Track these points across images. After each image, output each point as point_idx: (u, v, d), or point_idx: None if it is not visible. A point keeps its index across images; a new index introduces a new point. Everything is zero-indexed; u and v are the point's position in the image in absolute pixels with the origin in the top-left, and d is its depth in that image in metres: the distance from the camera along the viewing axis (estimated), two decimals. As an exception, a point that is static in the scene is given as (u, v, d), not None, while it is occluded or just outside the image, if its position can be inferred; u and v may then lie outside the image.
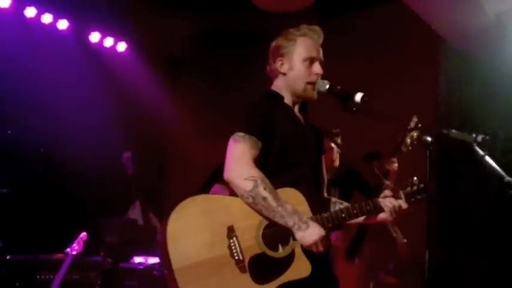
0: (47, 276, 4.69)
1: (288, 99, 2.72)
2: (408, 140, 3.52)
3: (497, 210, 4.93)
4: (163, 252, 2.39)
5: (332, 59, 2.83)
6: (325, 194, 2.81)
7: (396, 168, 4.11)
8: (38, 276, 4.75)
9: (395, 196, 2.61)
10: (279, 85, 2.73)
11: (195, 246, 2.40)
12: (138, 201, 5.74)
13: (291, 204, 2.46)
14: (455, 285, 5.06)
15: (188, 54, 6.70)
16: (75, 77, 5.94)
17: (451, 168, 5.04)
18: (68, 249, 4.64)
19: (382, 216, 2.63)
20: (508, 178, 2.75)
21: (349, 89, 2.65)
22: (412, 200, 2.63)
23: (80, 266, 4.79)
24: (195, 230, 2.41)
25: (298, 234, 2.44)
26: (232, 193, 2.53)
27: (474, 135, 2.67)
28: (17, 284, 4.71)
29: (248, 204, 2.45)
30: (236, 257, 2.40)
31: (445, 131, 2.67)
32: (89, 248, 4.81)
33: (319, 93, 2.69)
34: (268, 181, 2.45)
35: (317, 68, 2.69)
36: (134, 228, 5.37)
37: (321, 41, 2.75)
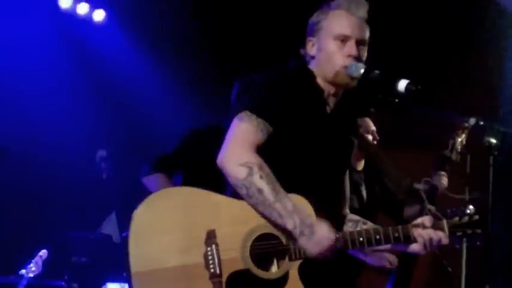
0: (-4, 304, 4.71)
1: (322, 85, 2.68)
2: (459, 145, 3.58)
3: None
4: (125, 251, 2.40)
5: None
6: (347, 211, 2.77)
7: (446, 185, 4.03)
8: (-16, 304, 4.74)
9: (436, 226, 2.53)
10: (313, 70, 2.70)
11: (164, 248, 2.38)
12: (114, 213, 5.78)
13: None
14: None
15: (182, 28, 6.61)
16: (40, 49, 5.88)
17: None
18: (23, 271, 4.65)
19: (413, 248, 2.58)
20: None
21: (390, 75, 2.56)
22: (459, 234, 2.55)
23: (39, 292, 4.78)
24: (166, 228, 2.40)
25: (301, 241, 2.41)
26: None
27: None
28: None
29: (242, 196, 2.42)
30: (212, 269, 2.36)
31: None
32: (50, 269, 4.82)
33: (352, 78, 2.60)
34: (268, 170, 2.41)
35: (349, 48, 2.59)
36: (108, 246, 5.35)
37: (362, 13, 2.62)
